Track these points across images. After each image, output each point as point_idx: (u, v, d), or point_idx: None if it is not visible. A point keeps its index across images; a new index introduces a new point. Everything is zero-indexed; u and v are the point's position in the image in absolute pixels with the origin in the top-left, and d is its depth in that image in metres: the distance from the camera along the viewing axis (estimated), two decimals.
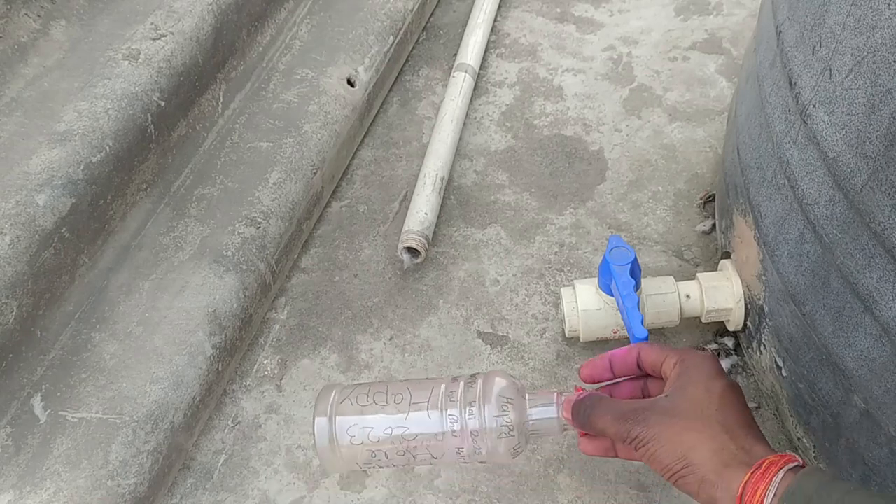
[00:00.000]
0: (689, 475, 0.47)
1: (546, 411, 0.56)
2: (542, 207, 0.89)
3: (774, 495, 0.43)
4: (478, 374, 0.58)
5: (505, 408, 0.55)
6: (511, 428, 0.55)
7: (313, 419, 0.57)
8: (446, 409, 0.56)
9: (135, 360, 0.67)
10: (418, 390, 0.57)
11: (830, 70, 0.53)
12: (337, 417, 0.56)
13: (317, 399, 0.58)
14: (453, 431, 0.55)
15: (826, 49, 0.53)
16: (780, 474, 0.44)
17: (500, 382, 0.57)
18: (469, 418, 0.55)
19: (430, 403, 0.56)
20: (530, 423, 0.56)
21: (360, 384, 0.59)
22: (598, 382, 0.57)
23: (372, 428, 0.56)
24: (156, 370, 0.66)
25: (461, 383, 0.57)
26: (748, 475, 0.44)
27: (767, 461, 0.45)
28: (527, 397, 0.56)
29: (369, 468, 0.59)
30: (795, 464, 0.45)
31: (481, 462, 0.57)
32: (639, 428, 0.49)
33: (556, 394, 0.56)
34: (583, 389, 0.57)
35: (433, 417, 0.56)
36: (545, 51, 1.07)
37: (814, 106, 0.55)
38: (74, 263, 0.68)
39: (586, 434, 0.56)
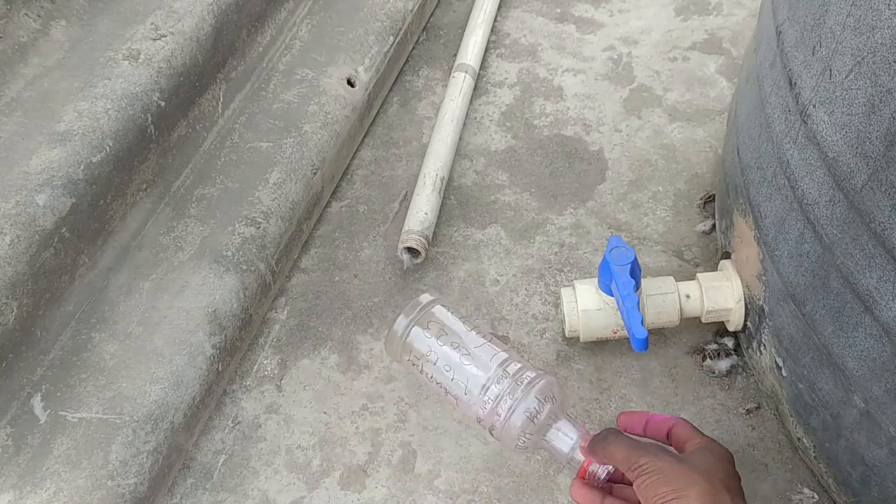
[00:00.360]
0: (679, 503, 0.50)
1: (564, 441, 0.60)
2: (542, 207, 0.89)
3: None
4: (540, 372, 0.62)
5: (535, 419, 0.60)
6: (529, 435, 0.60)
7: (398, 315, 0.66)
8: (490, 385, 0.61)
9: (135, 360, 0.67)
10: (482, 350, 0.63)
11: (830, 70, 0.53)
12: (414, 327, 0.65)
13: (410, 305, 0.66)
14: (483, 402, 0.61)
15: (826, 49, 0.53)
16: None
17: (545, 390, 0.61)
18: (501, 404, 0.60)
19: (481, 367, 0.62)
20: (546, 440, 0.61)
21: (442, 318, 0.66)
22: (629, 433, 0.60)
23: (432, 352, 0.64)
24: (156, 370, 0.66)
25: (516, 367, 0.62)
26: None
27: None
28: (559, 421, 0.61)
29: (411, 371, 0.67)
30: None
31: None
32: (648, 458, 0.53)
33: (581, 430, 0.61)
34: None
35: (477, 382, 0.62)
36: (545, 51, 1.07)
37: (814, 106, 0.55)
38: (74, 263, 0.68)
39: (583, 482, 0.60)
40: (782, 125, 0.61)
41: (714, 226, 0.85)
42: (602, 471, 0.59)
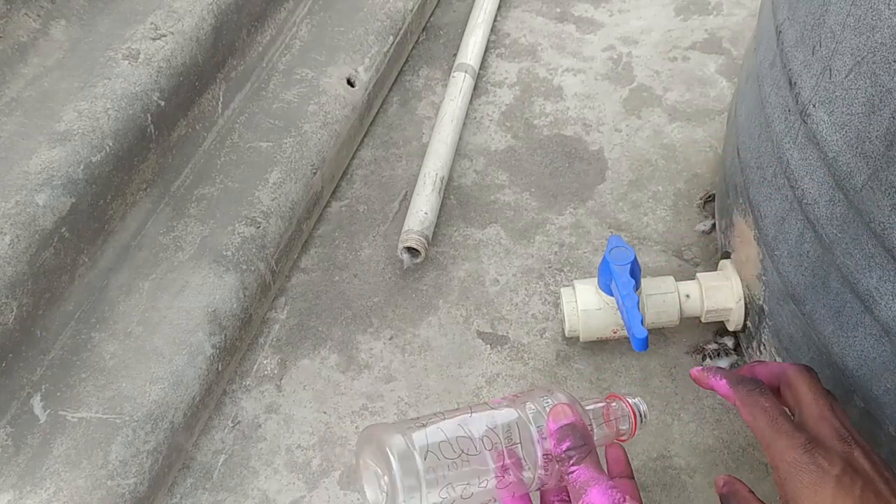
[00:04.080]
0: None
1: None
2: (541, 207, 0.89)
3: None
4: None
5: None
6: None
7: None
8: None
9: (135, 360, 0.67)
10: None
11: (830, 70, 0.53)
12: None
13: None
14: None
15: (826, 49, 0.53)
16: None
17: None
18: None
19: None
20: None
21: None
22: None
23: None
24: (156, 370, 0.66)
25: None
26: None
27: None
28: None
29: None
30: None
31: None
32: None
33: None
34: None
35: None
36: (545, 51, 1.07)
37: (813, 106, 0.55)
38: (74, 263, 0.68)
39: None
40: (782, 125, 0.61)
41: (714, 225, 0.85)
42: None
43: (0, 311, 0.61)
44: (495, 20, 1.11)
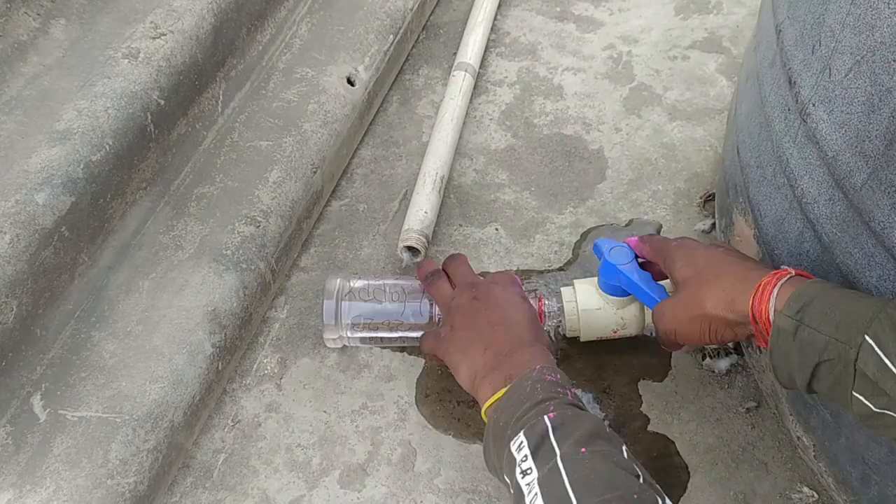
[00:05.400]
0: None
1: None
2: (541, 206, 0.89)
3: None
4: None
5: None
6: None
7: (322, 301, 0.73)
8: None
9: (134, 359, 0.67)
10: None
11: (830, 69, 0.53)
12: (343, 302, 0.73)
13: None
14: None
15: (826, 48, 0.53)
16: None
17: None
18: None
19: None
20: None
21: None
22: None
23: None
24: (155, 369, 0.66)
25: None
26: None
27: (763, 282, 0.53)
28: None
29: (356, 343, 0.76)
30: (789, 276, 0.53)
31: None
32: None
33: None
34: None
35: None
36: (545, 49, 1.07)
37: (813, 105, 0.55)
38: (74, 262, 0.68)
39: None
40: (782, 124, 0.61)
41: (714, 224, 0.85)
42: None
43: (0, 311, 0.61)
44: (495, 19, 1.11)
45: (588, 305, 0.72)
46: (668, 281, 0.68)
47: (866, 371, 0.45)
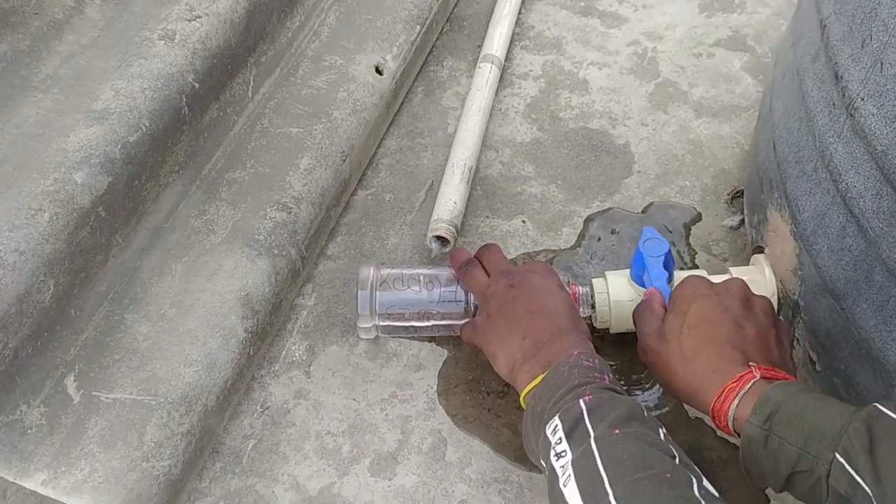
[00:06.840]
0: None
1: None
2: (568, 200, 0.89)
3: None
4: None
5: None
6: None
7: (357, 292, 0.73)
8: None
9: (168, 342, 0.66)
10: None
11: (882, 63, 0.53)
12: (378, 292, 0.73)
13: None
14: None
15: (878, 42, 0.53)
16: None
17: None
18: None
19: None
20: None
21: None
22: None
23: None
24: (189, 352, 0.66)
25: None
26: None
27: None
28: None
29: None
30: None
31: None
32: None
33: None
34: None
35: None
36: (570, 44, 1.07)
37: (862, 99, 0.55)
38: (109, 243, 0.68)
39: None
40: (825, 119, 0.61)
41: (742, 221, 0.85)
42: None
43: (38, 289, 0.60)
44: (519, 12, 1.11)
45: (620, 297, 0.72)
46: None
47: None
